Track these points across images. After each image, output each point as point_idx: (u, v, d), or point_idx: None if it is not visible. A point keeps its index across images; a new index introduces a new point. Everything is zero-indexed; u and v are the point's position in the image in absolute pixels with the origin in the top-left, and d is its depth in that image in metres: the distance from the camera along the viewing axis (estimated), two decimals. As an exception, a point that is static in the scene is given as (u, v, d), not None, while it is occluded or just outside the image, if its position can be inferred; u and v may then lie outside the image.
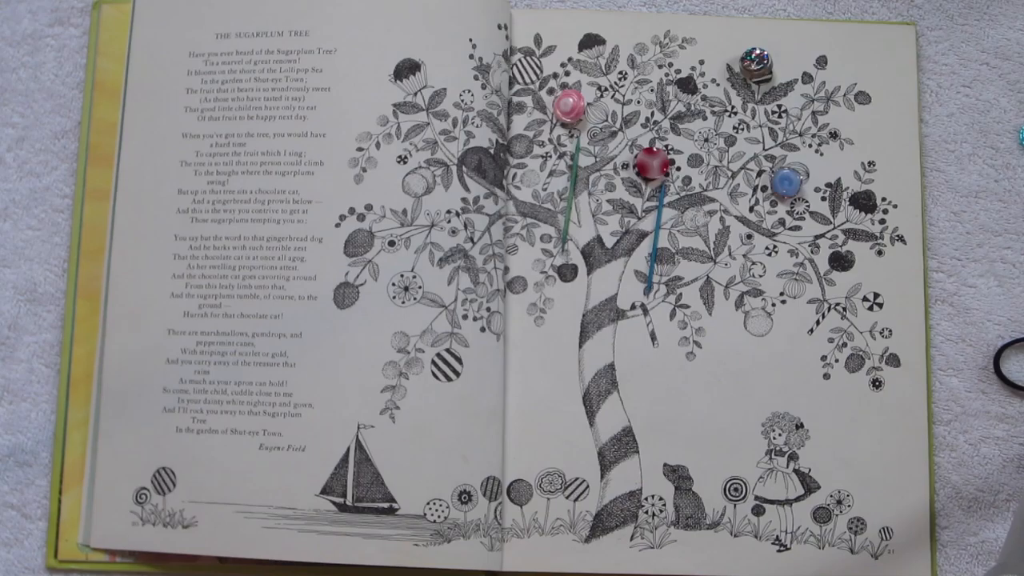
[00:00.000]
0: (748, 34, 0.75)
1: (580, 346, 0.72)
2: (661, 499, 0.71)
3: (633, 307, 0.72)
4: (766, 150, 0.74)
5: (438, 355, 0.69)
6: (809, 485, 0.71)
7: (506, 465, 0.71)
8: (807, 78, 0.75)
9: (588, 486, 0.71)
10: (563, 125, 0.74)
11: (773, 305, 0.72)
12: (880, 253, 0.73)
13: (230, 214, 0.71)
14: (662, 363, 0.72)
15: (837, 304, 0.72)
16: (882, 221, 0.73)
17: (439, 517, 0.68)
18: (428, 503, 0.68)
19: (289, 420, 0.69)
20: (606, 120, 0.74)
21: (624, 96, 0.74)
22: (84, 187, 0.74)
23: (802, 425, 0.71)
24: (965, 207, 0.75)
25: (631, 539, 0.70)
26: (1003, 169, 0.75)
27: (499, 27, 0.73)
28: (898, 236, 0.73)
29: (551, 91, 0.74)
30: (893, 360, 0.72)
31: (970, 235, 0.74)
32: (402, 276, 0.70)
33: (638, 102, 0.74)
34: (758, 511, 0.71)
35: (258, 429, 0.69)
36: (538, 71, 0.75)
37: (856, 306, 0.72)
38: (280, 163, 0.71)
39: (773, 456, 0.71)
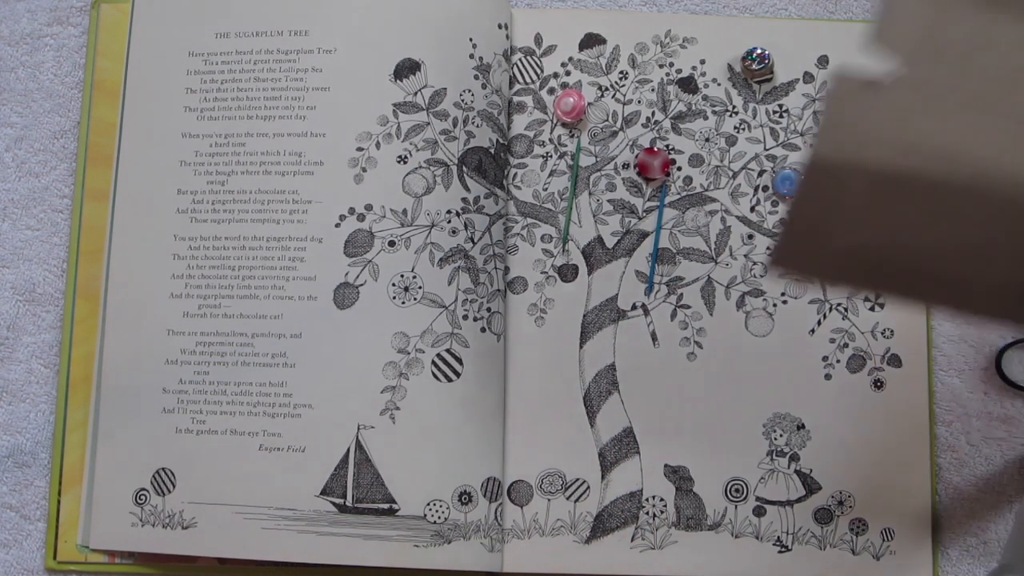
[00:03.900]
0: (749, 33, 0.75)
1: (581, 346, 0.72)
2: (662, 500, 0.70)
3: (634, 307, 0.72)
4: (767, 150, 0.74)
5: (438, 355, 0.69)
6: (810, 486, 0.71)
7: (506, 466, 0.71)
8: (808, 78, 0.75)
9: (589, 487, 0.71)
10: (564, 125, 0.74)
11: (774, 305, 0.72)
12: (881, 253, 0.73)
13: (230, 214, 0.71)
14: (663, 363, 0.72)
15: (838, 304, 0.72)
16: (883, 221, 0.73)
17: (439, 518, 0.68)
18: (428, 504, 0.68)
19: (289, 421, 0.69)
20: (607, 120, 0.74)
21: (625, 96, 0.74)
22: (83, 187, 0.74)
23: (803, 426, 0.71)
24: (967, 207, 0.74)
25: (632, 540, 0.70)
26: (1005, 169, 0.75)
27: (499, 27, 0.73)
28: (899, 236, 0.73)
29: (552, 91, 0.74)
30: (894, 360, 0.72)
31: (972, 235, 0.74)
32: (402, 276, 0.70)
33: (639, 102, 0.74)
34: (759, 512, 0.70)
35: (258, 430, 0.69)
36: (538, 71, 0.75)
37: (857, 306, 0.72)
38: (280, 163, 0.71)
39: (774, 457, 0.71)
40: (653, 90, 0.74)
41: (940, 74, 0.54)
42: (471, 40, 0.72)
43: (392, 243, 0.70)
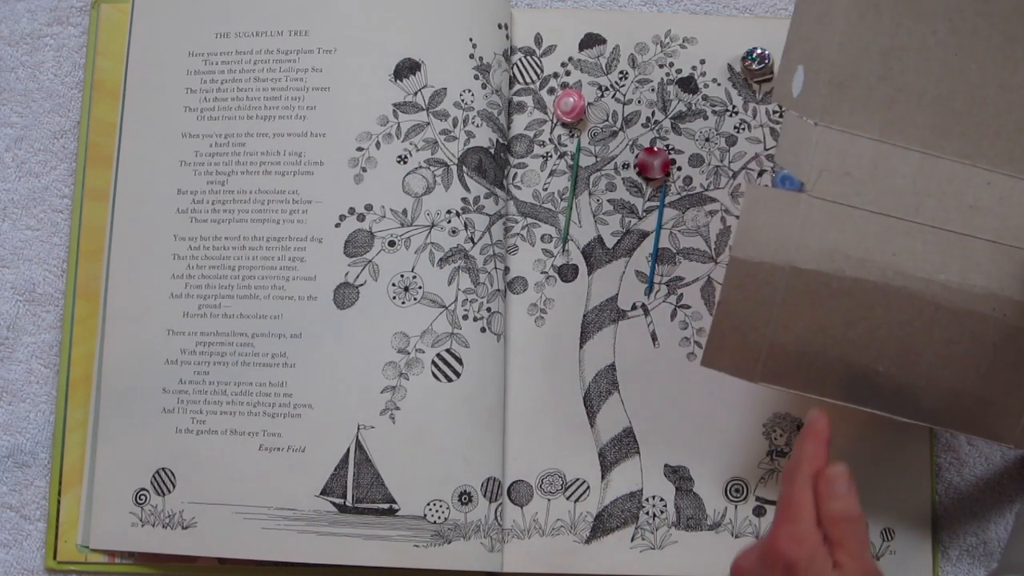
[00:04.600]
0: (749, 33, 0.75)
1: (581, 346, 0.72)
2: (662, 500, 0.70)
3: (634, 307, 0.72)
4: (767, 150, 0.74)
5: (438, 355, 0.69)
6: (810, 486, 0.71)
7: (506, 466, 0.71)
8: (808, 78, 0.75)
9: (589, 487, 0.71)
10: (564, 125, 0.74)
11: (774, 305, 0.72)
12: (881, 253, 0.73)
13: (230, 214, 0.71)
14: (663, 363, 0.72)
15: (838, 304, 0.72)
16: (883, 221, 0.73)
17: (439, 518, 0.68)
18: (428, 504, 0.68)
19: (289, 421, 0.69)
20: (607, 120, 0.74)
21: (625, 96, 0.74)
22: (83, 187, 0.74)
23: (803, 426, 0.71)
24: (967, 207, 0.74)
25: (632, 540, 0.70)
26: (1005, 169, 0.75)
27: (499, 27, 0.73)
28: (899, 236, 0.73)
29: (552, 91, 0.74)
30: (894, 360, 0.72)
31: (972, 235, 0.74)
32: (402, 276, 0.70)
33: (639, 102, 0.74)
34: (759, 512, 0.70)
35: (258, 430, 0.69)
36: (538, 71, 0.75)
37: (857, 306, 0.72)
38: (280, 163, 0.71)
39: (774, 457, 0.71)
40: (653, 90, 0.74)
41: (848, 191, 0.58)
42: (471, 40, 0.72)
43: (392, 243, 0.70)
